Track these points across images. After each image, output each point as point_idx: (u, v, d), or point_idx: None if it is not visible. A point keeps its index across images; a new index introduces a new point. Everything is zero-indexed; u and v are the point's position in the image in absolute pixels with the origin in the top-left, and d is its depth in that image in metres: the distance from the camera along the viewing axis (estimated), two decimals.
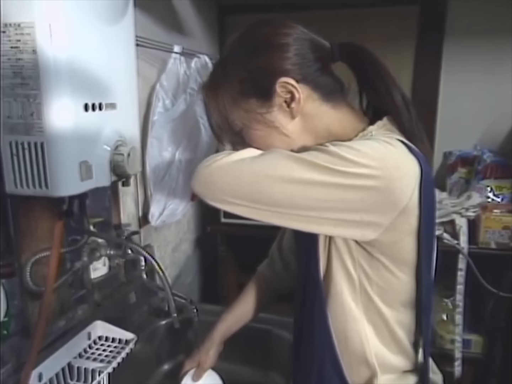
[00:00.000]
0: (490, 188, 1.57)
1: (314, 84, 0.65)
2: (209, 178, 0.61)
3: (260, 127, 0.66)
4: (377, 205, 0.57)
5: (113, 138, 0.76)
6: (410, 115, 0.65)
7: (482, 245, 1.42)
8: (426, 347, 0.70)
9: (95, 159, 0.73)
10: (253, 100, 0.65)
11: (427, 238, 0.63)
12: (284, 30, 0.65)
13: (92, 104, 0.71)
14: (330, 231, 0.61)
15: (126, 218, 1.19)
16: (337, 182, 0.56)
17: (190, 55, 1.32)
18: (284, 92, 0.64)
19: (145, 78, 1.20)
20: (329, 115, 0.66)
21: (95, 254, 0.97)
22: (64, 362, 0.86)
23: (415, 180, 0.58)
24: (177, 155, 1.27)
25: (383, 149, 0.58)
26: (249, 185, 0.58)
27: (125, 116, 0.81)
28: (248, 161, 0.60)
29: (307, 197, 0.57)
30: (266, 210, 0.59)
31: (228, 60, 0.68)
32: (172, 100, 1.23)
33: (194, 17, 1.60)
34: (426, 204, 0.60)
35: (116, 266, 1.09)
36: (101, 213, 1.08)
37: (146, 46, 1.11)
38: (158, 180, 1.24)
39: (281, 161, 0.58)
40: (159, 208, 1.28)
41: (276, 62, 0.64)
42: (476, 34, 1.66)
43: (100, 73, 0.74)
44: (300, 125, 0.66)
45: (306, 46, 0.65)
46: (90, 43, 0.72)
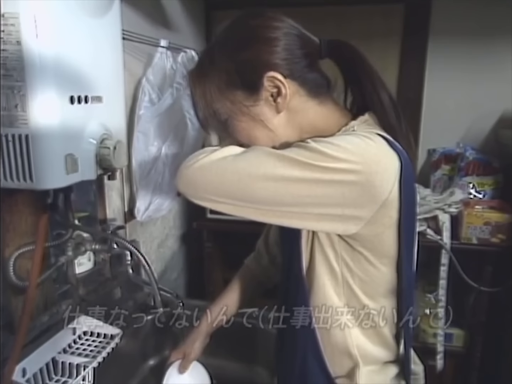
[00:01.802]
0: (472, 185, 1.61)
1: (301, 80, 0.66)
2: (192, 177, 0.62)
3: (245, 119, 0.67)
4: (358, 199, 0.58)
5: (99, 131, 0.76)
6: (396, 113, 0.66)
7: (464, 240, 1.45)
8: (407, 339, 0.71)
9: (81, 152, 0.73)
10: (239, 92, 0.66)
11: (407, 231, 0.65)
12: (274, 23, 0.65)
13: (78, 96, 0.71)
14: (313, 226, 0.63)
15: (112, 213, 1.19)
16: (318, 177, 0.57)
17: (176, 49, 1.31)
18: (271, 86, 0.64)
19: (131, 72, 1.20)
20: (314, 111, 0.67)
21: (80, 249, 0.96)
22: (48, 357, 0.86)
23: (395, 174, 0.59)
24: (163, 150, 1.27)
25: (363, 144, 0.59)
26: (232, 183, 0.59)
27: (111, 110, 0.81)
28: (231, 159, 0.61)
29: (289, 193, 0.58)
30: (250, 207, 0.60)
31: (216, 49, 0.68)
32: (158, 95, 1.22)
33: (181, 12, 1.59)
34: (406, 197, 0.61)
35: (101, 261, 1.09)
36: (87, 207, 1.07)
37: (133, 40, 1.11)
38: (144, 175, 1.24)
39: (263, 159, 0.59)
40: (145, 203, 1.27)
41: (264, 56, 0.64)
42: (459, 33, 1.68)
43: (86, 66, 0.74)
44: (285, 120, 0.67)
45: (295, 42, 0.65)
46: (76, 36, 0.71)
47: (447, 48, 1.71)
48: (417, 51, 1.74)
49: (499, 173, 1.61)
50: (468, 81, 1.72)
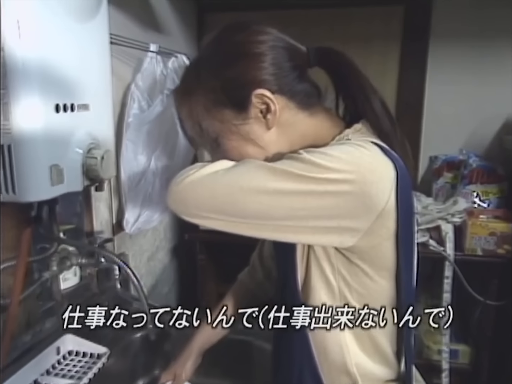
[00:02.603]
0: (476, 193, 1.62)
1: (290, 93, 0.66)
2: (183, 194, 0.63)
3: (235, 138, 0.68)
4: (354, 210, 0.59)
5: (86, 140, 0.77)
6: (390, 120, 0.67)
7: (469, 251, 1.46)
8: (408, 356, 0.72)
9: (67, 162, 0.73)
10: (227, 111, 0.66)
11: (406, 242, 0.65)
12: (259, 37, 0.66)
13: (64, 104, 0.72)
14: (308, 240, 0.63)
15: (99, 225, 1.19)
16: (312, 189, 0.57)
17: (167, 54, 1.32)
18: (259, 103, 0.65)
19: (120, 78, 1.21)
20: (305, 123, 0.68)
21: (66, 263, 0.96)
22: (30, 379, 0.85)
23: (391, 183, 0.60)
24: (153, 159, 1.28)
25: (357, 153, 0.60)
26: (223, 198, 0.60)
27: (99, 118, 0.81)
28: (222, 173, 0.62)
29: (283, 206, 0.58)
30: (242, 223, 0.61)
31: (201, 66, 0.68)
32: (148, 101, 1.23)
33: (171, 15, 1.61)
34: (404, 207, 0.62)
35: (88, 276, 1.08)
36: (72, 219, 1.07)
37: (121, 44, 1.12)
38: (133, 185, 1.24)
39: (255, 172, 0.60)
40: (134, 214, 1.27)
41: (251, 73, 0.65)
42: (461, 36, 1.71)
43: (72, 72, 0.75)
44: (275, 135, 0.68)
45: (282, 55, 0.66)
46: (62, 41, 0.72)
47: (449, 51, 1.73)
48: (418, 54, 1.76)
49: (504, 181, 1.62)
50: (471, 85, 1.74)
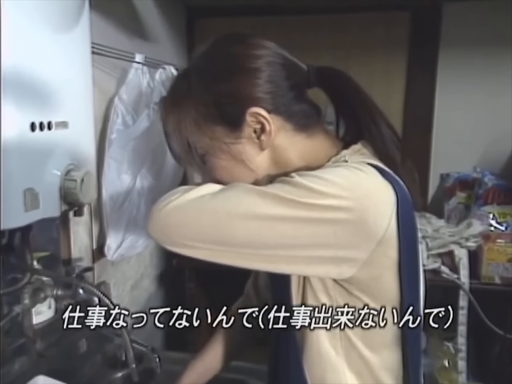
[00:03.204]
0: (492, 215, 1.61)
1: (287, 114, 0.67)
2: (165, 221, 0.62)
3: (225, 157, 0.68)
4: (351, 239, 0.59)
5: (64, 161, 0.77)
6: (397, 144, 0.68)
7: (485, 279, 1.45)
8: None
9: (43, 186, 0.73)
10: (218, 128, 0.67)
11: (410, 272, 0.65)
12: (255, 52, 0.67)
13: (40, 123, 0.72)
14: (302, 271, 0.63)
15: (78, 252, 1.18)
16: (305, 216, 0.58)
17: (154, 64, 1.34)
18: (254, 122, 0.66)
19: (102, 91, 1.21)
20: (302, 146, 0.69)
21: (39, 295, 0.95)
22: None
23: (390, 208, 0.61)
24: (138, 178, 1.28)
25: (353, 177, 0.60)
26: (210, 224, 0.60)
27: (79, 136, 0.82)
28: (208, 198, 0.62)
29: (274, 234, 0.59)
30: (231, 252, 0.61)
31: (193, 77, 0.69)
32: (133, 116, 1.24)
33: (159, 22, 1.63)
34: (406, 233, 0.62)
35: (64, 309, 1.07)
36: (48, 245, 1.06)
37: (104, 54, 1.13)
38: (116, 207, 1.24)
39: (244, 197, 0.60)
40: (116, 239, 1.27)
41: (245, 89, 0.65)
42: (474, 43, 1.73)
43: (50, 87, 0.75)
44: (268, 157, 0.69)
45: (280, 72, 0.67)
46: (38, 52, 0.72)
47: (461, 59, 1.75)
48: (426, 63, 1.79)
49: None
50: (485, 96, 1.75)
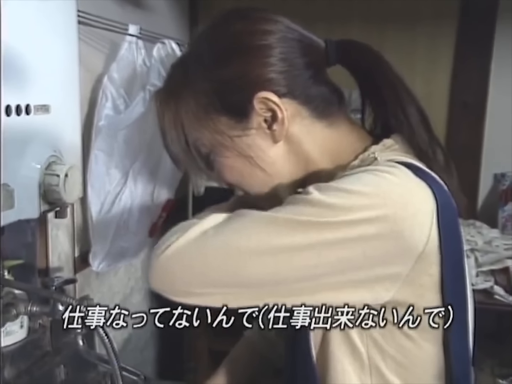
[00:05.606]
0: None
1: (303, 97, 0.67)
2: (167, 268, 0.63)
3: (230, 155, 0.68)
4: (386, 257, 0.59)
5: (45, 152, 0.77)
6: (428, 134, 0.68)
7: None
8: None
9: (19, 181, 0.74)
10: (222, 119, 0.67)
11: (455, 293, 0.65)
12: (265, 27, 0.67)
13: (17, 106, 0.72)
14: (329, 299, 0.63)
15: (57, 260, 1.19)
16: (329, 238, 0.58)
17: (151, 38, 1.34)
18: (263, 110, 0.66)
19: (89, 68, 1.22)
20: (322, 136, 0.69)
21: (10, 312, 0.95)
22: None
23: (430, 217, 0.60)
24: (131, 174, 1.28)
25: (383, 183, 0.60)
26: (218, 265, 0.60)
27: (62, 123, 0.82)
28: (212, 233, 0.62)
29: (294, 267, 0.59)
30: (246, 292, 0.62)
31: (191, 64, 0.69)
32: (125, 100, 1.24)
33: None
34: (450, 246, 0.62)
35: (38, 328, 1.08)
36: (20, 252, 1.07)
37: (91, 24, 1.13)
38: (104, 208, 1.24)
39: (253, 227, 0.60)
40: (103, 246, 1.27)
41: (254, 70, 0.65)
42: None
43: (28, 64, 0.76)
44: (284, 151, 0.69)
45: (294, 48, 0.67)
46: (15, 22, 0.73)
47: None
48: (480, 40, 1.77)
49: None
50: None
